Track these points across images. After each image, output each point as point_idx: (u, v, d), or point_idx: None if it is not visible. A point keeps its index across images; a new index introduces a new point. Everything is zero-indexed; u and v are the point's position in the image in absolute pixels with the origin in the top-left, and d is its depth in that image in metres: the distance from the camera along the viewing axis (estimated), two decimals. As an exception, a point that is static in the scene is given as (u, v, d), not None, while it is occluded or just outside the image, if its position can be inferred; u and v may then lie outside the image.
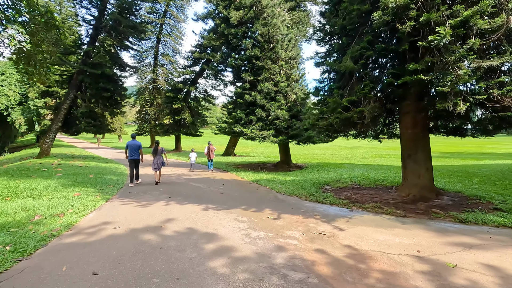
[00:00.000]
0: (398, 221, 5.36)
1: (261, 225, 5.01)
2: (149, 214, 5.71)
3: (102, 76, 19.39)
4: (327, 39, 7.53)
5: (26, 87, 32.84)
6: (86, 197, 7.15)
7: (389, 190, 8.14)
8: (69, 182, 9.18)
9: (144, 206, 6.44)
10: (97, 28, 19.93)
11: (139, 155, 9.42)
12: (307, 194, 7.74)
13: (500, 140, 51.64)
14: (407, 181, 7.25)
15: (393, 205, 6.43)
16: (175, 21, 34.18)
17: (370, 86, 5.63)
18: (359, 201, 6.88)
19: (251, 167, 15.24)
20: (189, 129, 28.30)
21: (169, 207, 6.27)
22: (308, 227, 4.91)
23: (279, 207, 6.46)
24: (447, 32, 4.35)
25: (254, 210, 6.12)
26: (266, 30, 14.16)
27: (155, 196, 7.54)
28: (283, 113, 13.18)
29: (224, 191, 8.31)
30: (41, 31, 17.83)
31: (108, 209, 6.13)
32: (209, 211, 5.97)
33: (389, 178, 9.93)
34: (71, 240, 4.27)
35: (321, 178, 10.53)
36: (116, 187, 8.84)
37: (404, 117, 7.00)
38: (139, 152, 9.41)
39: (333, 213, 5.95)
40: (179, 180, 10.46)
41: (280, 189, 8.53)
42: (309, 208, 6.32)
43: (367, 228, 4.88)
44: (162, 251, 3.80)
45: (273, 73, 14.04)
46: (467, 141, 46.94)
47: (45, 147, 19.13)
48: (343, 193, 7.92)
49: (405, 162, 7.27)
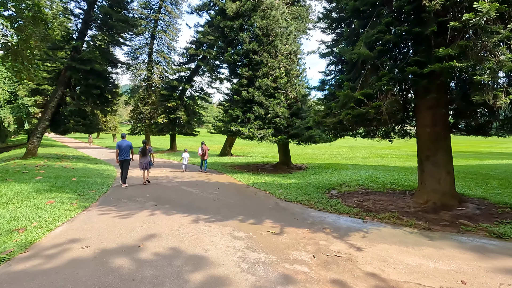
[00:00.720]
0: (423, 235, 4.52)
1: (261, 243, 4.14)
2: (128, 228, 4.81)
3: (91, 73, 18.36)
4: (334, 26, 6.67)
5: (15, 85, 31.65)
6: (60, 205, 6.23)
7: (402, 195, 7.31)
8: (47, 186, 8.24)
9: (125, 216, 5.54)
10: (87, 22, 18.91)
11: (129, 155, 9.25)
12: (311, 200, 6.89)
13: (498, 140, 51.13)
14: (425, 186, 6.42)
15: (412, 215, 5.60)
16: (170, 17, 33.13)
17: (388, 77, 4.78)
18: (372, 210, 6.03)
19: (249, 168, 14.37)
20: (185, 128, 27.35)
21: (154, 218, 5.37)
22: (319, 246, 4.05)
23: (281, 217, 5.59)
24: (492, 6, 3.50)
25: (252, 221, 5.25)
26: (264, 23, 13.28)
27: (140, 204, 6.64)
28: (282, 110, 12.31)
29: (219, 197, 7.43)
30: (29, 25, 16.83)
31: (82, 221, 5.23)
32: (199, 223, 5.09)
33: (399, 181, 9.12)
34: (22, 267, 3.37)
35: (325, 181, 9.69)
36: (98, 192, 7.93)
37: (422, 114, 6.16)
38: (130, 152, 9.26)
39: (344, 225, 5.10)
40: (170, 184, 9.55)
41: (281, 194, 7.67)
42: (316, 219, 5.46)
43: (389, 247, 4.03)
44: (133, 285, 2.92)
45: (272, 68, 13.17)
46: (464, 140, 46.41)
47: (32, 147, 18.10)
48: (352, 199, 7.07)
49: (423, 164, 6.44)
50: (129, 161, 9.25)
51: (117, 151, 9.14)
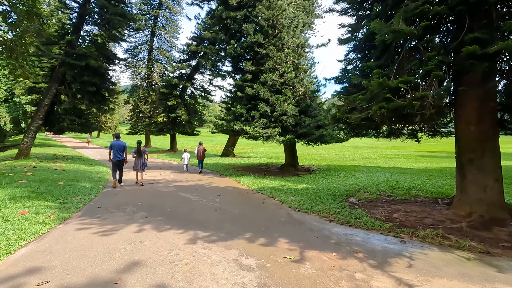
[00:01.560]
0: (486, 263, 3.49)
1: (278, 277, 3.13)
2: (107, 250, 3.81)
3: (87, 69, 17.40)
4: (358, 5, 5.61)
5: (12, 83, 30.81)
6: (33, 217, 5.25)
7: (435, 205, 6.27)
8: (26, 192, 7.26)
9: (107, 233, 4.54)
10: (82, 16, 17.97)
11: (123, 156, 9.03)
12: (330, 211, 5.86)
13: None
14: (467, 194, 5.38)
15: (458, 232, 4.57)
16: (170, 13, 32.18)
17: (438, 60, 3.75)
18: (406, 224, 5.00)
19: (253, 170, 13.36)
20: (185, 127, 26.36)
21: (141, 237, 4.37)
22: (356, 282, 3.03)
23: (298, 234, 4.57)
24: None
25: (263, 241, 4.23)
26: (270, 13, 12.25)
27: (128, 215, 5.64)
28: (290, 108, 11.27)
29: (221, 206, 6.42)
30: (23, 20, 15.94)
31: (54, 240, 4.24)
32: (197, 244, 4.08)
33: (424, 187, 8.07)
34: None
35: (340, 186, 8.66)
36: (84, 199, 6.94)
37: (466, 108, 5.11)
38: (123, 153, 9.05)
39: (379, 246, 4.08)
40: (166, 189, 8.55)
41: (293, 202, 6.65)
42: (341, 237, 4.44)
43: (450, 283, 3.00)
44: None
45: (279, 63, 12.14)
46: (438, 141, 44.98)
47: (24, 147, 17.19)
48: (377, 209, 6.04)
49: (464, 169, 5.40)
50: (123, 161, 9.04)
51: (110, 150, 9.00)
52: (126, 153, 9.24)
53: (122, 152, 9.03)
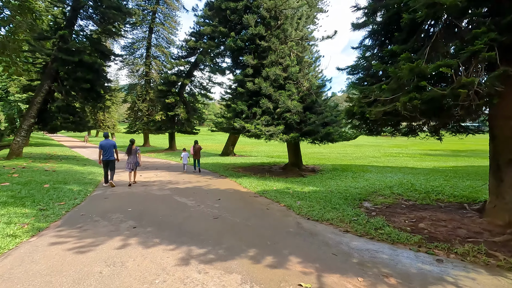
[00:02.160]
0: (554, 294, 2.76)
1: (293, 316, 2.40)
2: (78, 276, 3.07)
3: (80, 65, 16.62)
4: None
5: (6, 81, 30.05)
6: (3, 228, 4.52)
7: (462, 211, 5.53)
8: (5, 197, 6.53)
9: (84, 249, 3.81)
10: (75, 9, 17.17)
11: (114, 155, 8.77)
12: (345, 219, 5.12)
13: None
14: (504, 200, 4.64)
15: (503, 247, 3.83)
16: (169, 9, 31.34)
17: (488, 37, 2.99)
18: (437, 236, 4.26)
19: (254, 170, 12.62)
20: (184, 126, 25.59)
21: (123, 255, 3.64)
22: (396, 325, 2.29)
23: (311, 250, 3.84)
24: None
25: (271, 261, 3.49)
26: (272, 3, 11.47)
27: (114, 225, 4.91)
28: (294, 104, 10.51)
29: (220, 213, 5.68)
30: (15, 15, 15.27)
31: (18, 260, 3.51)
32: (190, 265, 3.34)
33: (444, 190, 7.32)
34: None
35: (350, 188, 7.92)
36: (68, 205, 6.21)
37: (506, 101, 4.36)
38: (114, 152, 8.79)
39: (412, 267, 3.34)
40: (160, 192, 7.82)
41: (301, 208, 5.91)
42: (364, 254, 3.70)
43: (522, 327, 2.27)
44: None
45: (282, 56, 11.37)
46: (463, 138, 44.35)
47: (16, 146, 16.44)
48: (398, 216, 5.30)
49: (502, 171, 4.66)
50: (114, 161, 8.79)
51: (100, 151, 8.62)
52: (117, 152, 9.02)
53: (112, 151, 8.76)
